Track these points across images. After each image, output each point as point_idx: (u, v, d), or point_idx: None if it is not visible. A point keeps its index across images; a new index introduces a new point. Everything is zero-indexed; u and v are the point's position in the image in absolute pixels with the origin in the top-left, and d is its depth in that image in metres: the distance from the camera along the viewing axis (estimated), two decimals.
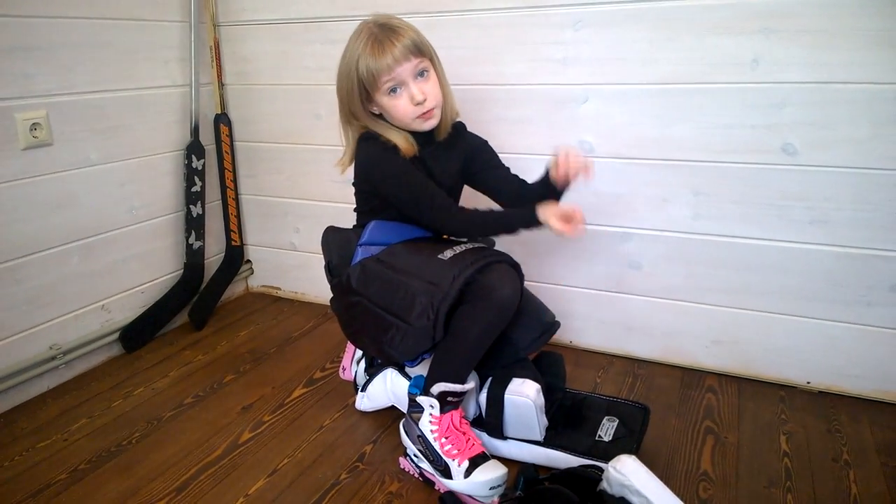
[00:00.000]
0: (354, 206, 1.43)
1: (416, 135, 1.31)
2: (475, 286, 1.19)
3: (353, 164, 1.38)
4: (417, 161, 1.31)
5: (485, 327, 1.21)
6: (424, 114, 1.26)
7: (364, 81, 1.23)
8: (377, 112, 1.31)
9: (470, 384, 1.26)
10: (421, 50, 1.24)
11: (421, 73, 1.25)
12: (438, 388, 1.23)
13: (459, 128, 1.42)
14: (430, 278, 1.21)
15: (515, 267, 1.27)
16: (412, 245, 1.32)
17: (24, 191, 1.55)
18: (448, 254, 1.24)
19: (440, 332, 1.20)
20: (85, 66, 1.65)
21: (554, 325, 1.37)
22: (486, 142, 1.45)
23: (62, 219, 1.64)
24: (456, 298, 1.19)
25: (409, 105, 1.24)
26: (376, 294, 1.27)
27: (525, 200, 1.29)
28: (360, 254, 1.35)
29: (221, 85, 2.02)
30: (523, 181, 1.42)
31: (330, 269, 1.43)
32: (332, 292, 1.41)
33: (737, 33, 1.42)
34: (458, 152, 1.41)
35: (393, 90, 1.24)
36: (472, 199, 1.46)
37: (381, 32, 1.21)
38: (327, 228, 1.47)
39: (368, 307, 1.29)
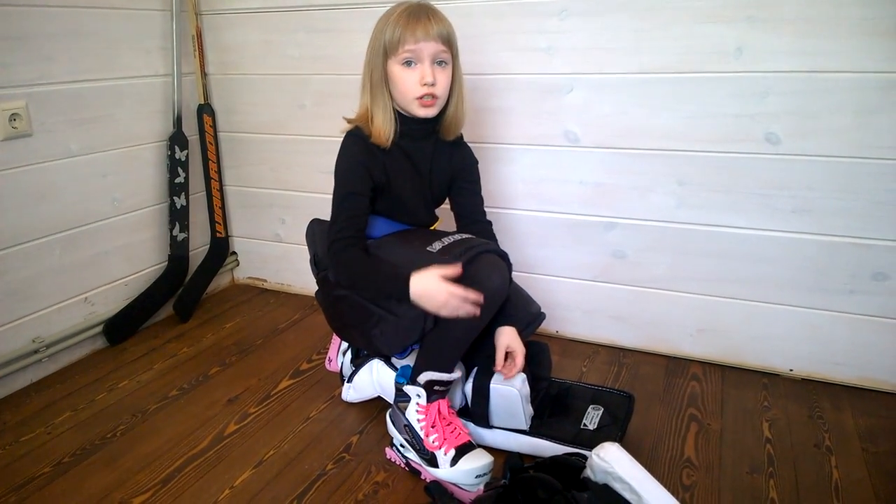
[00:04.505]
0: None
1: (418, 127, 1.30)
2: (464, 277, 1.19)
3: None
4: (397, 150, 1.30)
5: (473, 317, 1.21)
6: (427, 99, 1.24)
7: (387, 44, 1.22)
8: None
9: (456, 374, 1.26)
10: (450, 41, 1.24)
11: (440, 63, 1.24)
12: (425, 377, 1.23)
13: (458, 139, 1.40)
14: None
15: (503, 257, 1.27)
16: (400, 237, 1.31)
17: (3, 183, 1.53)
18: (437, 245, 1.24)
19: (430, 323, 1.21)
20: (64, 56, 1.63)
21: (539, 316, 1.37)
22: (477, 162, 1.43)
23: (43, 211, 1.62)
24: None
25: (417, 84, 1.22)
26: None
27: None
28: None
29: (204, 74, 2.00)
30: (484, 223, 1.43)
31: (316, 262, 1.42)
32: (318, 285, 1.41)
33: (721, 22, 1.42)
34: (454, 159, 1.39)
35: (408, 62, 1.23)
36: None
37: (420, 9, 1.22)
38: (312, 221, 1.47)
39: (356, 301, 1.28)
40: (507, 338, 1.29)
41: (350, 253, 1.25)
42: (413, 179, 1.33)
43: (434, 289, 1.15)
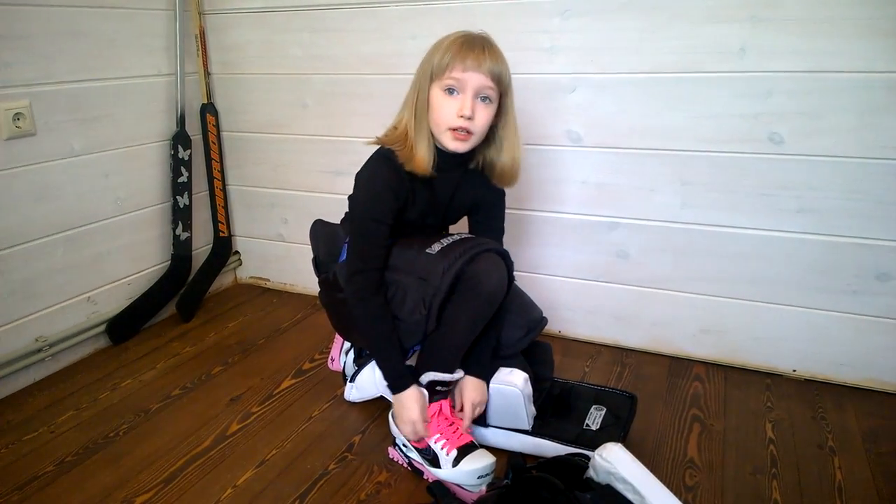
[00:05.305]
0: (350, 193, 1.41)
1: (450, 160, 1.24)
2: (464, 277, 1.20)
3: None
4: (425, 187, 1.25)
5: (473, 317, 1.22)
6: (460, 132, 1.17)
7: (434, 68, 1.16)
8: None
9: (458, 374, 1.26)
10: (500, 79, 1.17)
11: (484, 98, 1.17)
12: (427, 377, 1.23)
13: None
14: (420, 274, 1.21)
15: (503, 255, 1.27)
16: (401, 241, 1.30)
17: (7, 182, 1.53)
18: (436, 247, 1.23)
19: (433, 325, 1.21)
20: (68, 55, 1.63)
21: (541, 322, 1.37)
22: (503, 195, 1.36)
23: (46, 210, 1.63)
24: (447, 292, 1.19)
25: (454, 114, 1.15)
26: None
27: None
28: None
29: (207, 74, 2.00)
30: None
31: (317, 264, 1.42)
32: (320, 286, 1.41)
33: (724, 21, 1.41)
34: (479, 191, 1.33)
35: (450, 90, 1.16)
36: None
37: (478, 39, 1.16)
38: (315, 222, 1.46)
39: None
40: (469, 392, 1.28)
41: (370, 303, 1.22)
42: (429, 207, 1.29)
43: (409, 412, 1.23)
